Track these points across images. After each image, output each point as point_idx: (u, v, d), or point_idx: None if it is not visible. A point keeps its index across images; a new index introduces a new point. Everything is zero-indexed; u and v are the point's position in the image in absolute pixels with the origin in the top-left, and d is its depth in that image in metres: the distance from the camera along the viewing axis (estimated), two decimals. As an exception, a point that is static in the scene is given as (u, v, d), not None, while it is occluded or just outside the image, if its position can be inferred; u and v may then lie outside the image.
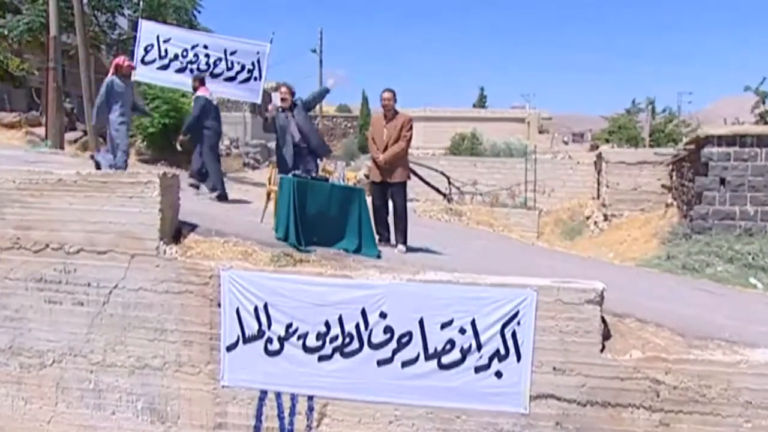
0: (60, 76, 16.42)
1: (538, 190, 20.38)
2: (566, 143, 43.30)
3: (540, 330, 5.33)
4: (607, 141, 34.96)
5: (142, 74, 11.35)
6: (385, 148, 7.42)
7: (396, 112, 7.58)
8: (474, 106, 51.57)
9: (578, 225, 18.44)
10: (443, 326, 5.45)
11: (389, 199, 7.57)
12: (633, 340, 5.44)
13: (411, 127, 7.57)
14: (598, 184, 20.04)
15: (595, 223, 18.01)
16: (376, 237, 7.22)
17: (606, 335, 5.41)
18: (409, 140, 7.55)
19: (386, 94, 7.53)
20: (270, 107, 7.63)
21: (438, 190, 18.79)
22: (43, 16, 19.53)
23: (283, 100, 7.77)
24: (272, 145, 37.24)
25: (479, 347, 5.41)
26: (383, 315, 5.55)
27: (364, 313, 5.58)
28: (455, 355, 5.45)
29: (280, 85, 7.96)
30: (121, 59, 9.50)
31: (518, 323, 5.35)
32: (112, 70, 9.31)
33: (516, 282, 5.50)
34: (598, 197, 19.68)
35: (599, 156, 20.19)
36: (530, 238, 14.86)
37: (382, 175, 7.49)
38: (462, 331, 5.42)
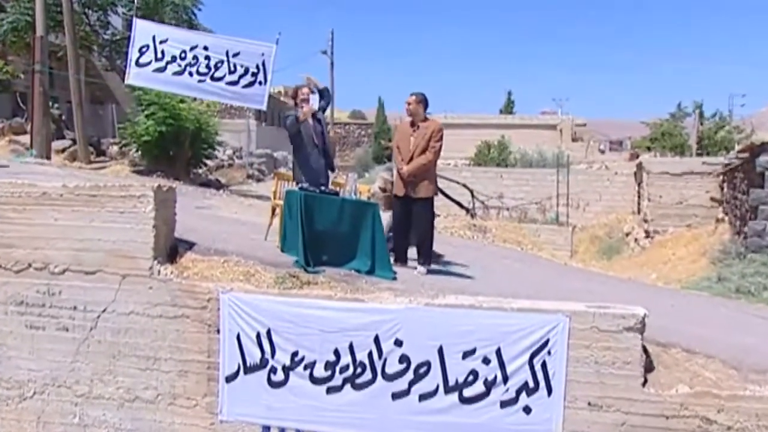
0: (47, 79, 16.68)
1: (572, 204, 20.33)
2: (603, 152, 43.20)
3: (573, 360, 5.28)
4: (649, 149, 34.85)
5: (136, 77, 11.48)
6: (411, 159, 7.38)
7: (426, 119, 7.52)
8: (500, 111, 51.71)
9: (616, 243, 18.33)
10: (465, 355, 5.41)
11: (412, 215, 7.52)
12: (679, 373, 5.36)
13: (441, 137, 7.47)
14: (639, 197, 19.93)
15: (636, 240, 17.89)
16: (392, 257, 7.20)
17: (648, 367, 5.34)
18: (438, 151, 7.45)
19: (410, 98, 7.48)
20: (305, 110, 7.39)
21: (460, 205, 18.76)
22: (29, 15, 19.83)
23: (304, 101, 7.57)
24: (278, 155, 37.40)
25: (505, 379, 5.36)
26: (399, 343, 5.52)
27: (377, 340, 5.55)
28: (479, 387, 5.40)
29: (298, 87, 7.78)
30: None
31: (549, 353, 5.30)
32: None
33: (546, 307, 5.45)
34: (639, 212, 19.56)
35: (640, 166, 20.09)
36: (562, 258, 14.77)
37: (406, 188, 7.45)
38: (486, 361, 5.38)
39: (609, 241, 18.48)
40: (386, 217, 7.62)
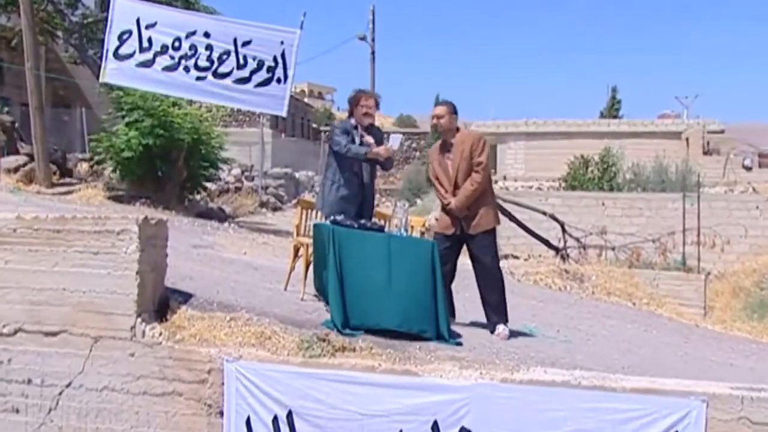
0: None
1: (705, 243, 19.99)
2: (749, 169, 42.46)
3: (713, 463, 5.18)
4: (817, 165, 34.12)
5: (114, 74, 11.72)
6: (456, 187, 7.44)
7: (458, 132, 7.61)
8: (602, 115, 51.52)
9: (770, 297, 17.95)
10: (558, 452, 5.36)
11: (471, 257, 7.53)
12: None
13: (483, 148, 7.56)
14: (802, 232, 19.55)
15: (800, 293, 17.52)
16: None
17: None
18: (486, 167, 7.54)
19: (438, 110, 7.59)
20: (381, 150, 7.55)
21: (547, 243, 18.65)
22: (-28, -10, 20.45)
23: (367, 115, 7.72)
24: (301, 175, 37.83)
25: (615, 487, 5.29)
26: (466, 433, 5.48)
27: (436, 428, 5.54)
28: (577, 498, 5.34)
29: (363, 93, 7.90)
30: None
31: (677, 452, 5.22)
32: None
33: (672, 387, 5.40)
34: (802, 253, 19.17)
35: (802, 189, 19.74)
36: (692, 317, 14.54)
37: (455, 225, 7.50)
38: (588, 461, 5.31)
39: (760, 294, 18.12)
40: None
